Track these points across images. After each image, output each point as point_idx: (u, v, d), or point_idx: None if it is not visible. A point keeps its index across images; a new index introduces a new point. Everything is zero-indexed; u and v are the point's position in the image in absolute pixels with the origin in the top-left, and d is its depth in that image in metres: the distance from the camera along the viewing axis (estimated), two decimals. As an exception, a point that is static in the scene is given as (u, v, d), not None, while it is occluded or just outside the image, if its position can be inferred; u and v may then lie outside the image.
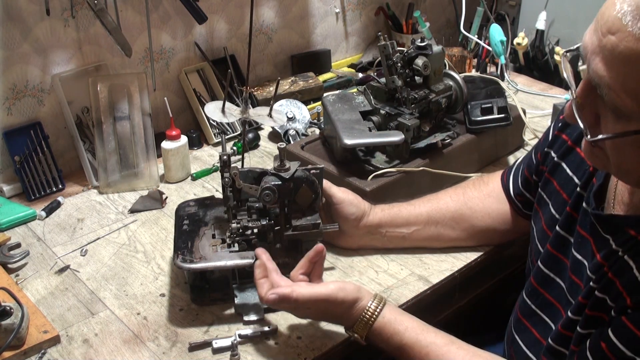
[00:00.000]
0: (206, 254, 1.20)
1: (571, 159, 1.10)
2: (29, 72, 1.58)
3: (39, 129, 1.60)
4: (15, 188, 1.60)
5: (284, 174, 1.21)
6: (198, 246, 1.22)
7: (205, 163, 1.73)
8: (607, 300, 0.93)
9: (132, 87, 1.64)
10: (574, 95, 0.85)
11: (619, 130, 0.81)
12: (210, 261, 1.19)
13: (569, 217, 1.06)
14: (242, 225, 1.22)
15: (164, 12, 1.75)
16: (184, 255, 1.20)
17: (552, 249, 1.10)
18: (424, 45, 1.51)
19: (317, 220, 1.25)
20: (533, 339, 1.12)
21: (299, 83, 1.96)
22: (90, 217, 1.52)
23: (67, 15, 1.59)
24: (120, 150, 1.63)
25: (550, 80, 2.12)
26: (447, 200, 1.35)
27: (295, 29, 2.06)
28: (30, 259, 1.37)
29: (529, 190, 1.25)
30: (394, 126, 1.49)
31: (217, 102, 1.35)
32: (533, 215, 1.21)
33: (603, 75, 0.79)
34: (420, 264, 1.34)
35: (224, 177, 1.21)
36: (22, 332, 1.12)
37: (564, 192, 1.10)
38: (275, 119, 1.36)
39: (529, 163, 1.25)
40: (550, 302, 1.09)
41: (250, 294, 1.24)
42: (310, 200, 1.25)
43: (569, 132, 1.13)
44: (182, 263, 1.18)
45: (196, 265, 1.18)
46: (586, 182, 1.05)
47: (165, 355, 1.13)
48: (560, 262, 1.08)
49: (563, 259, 1.07)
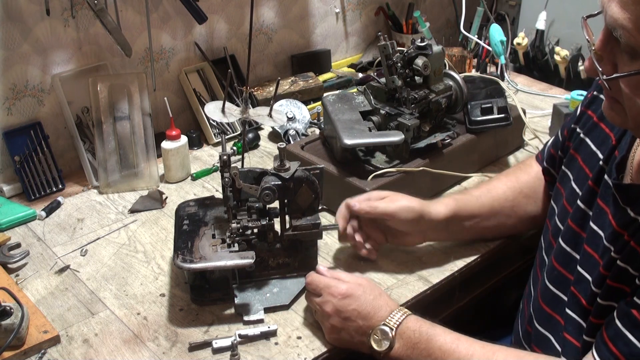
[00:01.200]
0: (206, 254, 1.20)
1: (596, 135, 1.13)
2: (29, 72, 1.58)
3: (39, 129, 1.60)
4: (15, 188, 1.60)
5: (284, 174, 1.21)
6: (198, 246, 1.22)
7: (205, 163, 1.73)
8: (629, 269, 0.94)
9: (132, 87, 1.64)
10: (593, 49, 0.90)
11: (634, 69, 0.85)
12: (210, 261, 1.18)
13: (590, 191, 1.08)
14: (242, 225, 1.22)
15: (164, 12, 1.75)
16: (184, 255, 1.19)
17: (572, 223, 1.11)
18: (424, 45, 1.51)
19: (317, 220, 1.25)
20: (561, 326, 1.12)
21: (299, 83, 1.96)
22: (90, 217, 1.52)
23: (67, 15, 1.59)
24: (120, 150, 1.63)
25: (550, 80, 2.12)
26: (504, 190, 1.35)
27: (295, 29, 2.06)
28: (30, 259, 1.37)
29: (554, 167, 1.27)
30: (394, 126, 1.49)
31: (217, 102, 1.35)
32: (554, 196, 1.22)
33: (618, 17, 0.83)
34: (421, 264, 1.34)
35: (224, 177, 1.21)
36: (22, 332, 1.12)
37: (586, 167, 1.12)
38: (275, 119, 1.36)
39: (555, 141, 1.28)
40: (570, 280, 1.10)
41: (250, 294, 1.24)
42: (310, 200, 1.25)
43: (594, 109, 1.15)
44: (182, 263, 1.18)
45: (196, 265, 1.18)
46: (609, 156, 1.07)
47: (165, 355, 1.13)
48: (579, 236, 1.09)
49: (581, 233, 1.08)
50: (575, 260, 1.08)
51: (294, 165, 1.23)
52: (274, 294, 1.25)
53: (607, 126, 1.10)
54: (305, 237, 1.26)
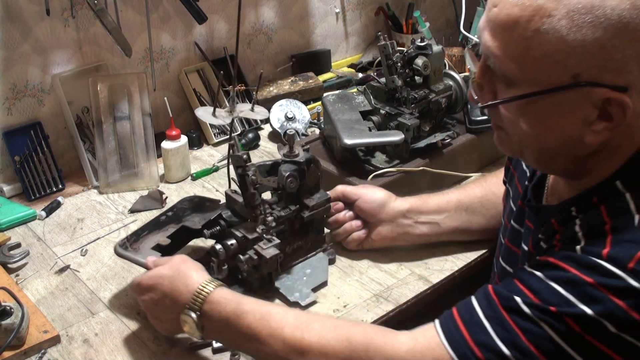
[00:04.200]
0: (142, 247, 1.22)
1: None
2: (29, 72, 1.58)
3: (39, 129, 1.60)
4: (15, 188, 1.60)
5: (298, 159, 1.25)
6: (148, 238, 1.24)
7: (205, 163, 1.73)
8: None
9: (132, 87, 1.64)
10: (474, 77, 0.93)
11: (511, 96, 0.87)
12: (136, 254, 1.21)
13: (520, 210, 1.09)
14: (276, 216, 1.24)
15: (164, 12, 1.75)
16: (127, 242, 1.24)
17: (508, 242, 1.12)
18: (424, 45, 1.51)
19: (327, 196, 1.29)
20: None
21: (299, 83, 1.96)
22: (90, 217, 1.52)
23: (67, 15, 1.59)
24: (120, 150, 1.63)
25: (550, 80, 2.12)
26: (472, 187, 1.36)
27: (295, 29, 2.06)
28: (30, 259, 1.37)
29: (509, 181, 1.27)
30: (394, 126, 1.49)
31: (207, 108, 1.37)
32: (503, 212, 1.23)
33: (490, 45, 0.85)
34: (420, 263, 1.34)
35: (248, 175, 1.19)
36: (22, 332, 1.12)
37: (520, 185, 1.13)
38: (257, 112, 1.37)
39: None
40: None
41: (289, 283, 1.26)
42: (317, 178, 1.28)
43: None
44: (119, 247, 1.23)
45: (123, 252, 1.22)
46: (532, 176, 1.08)
47: (165, 355, 1.13)
48: (514, 255, 1.10)
49: (516, 251, 1.09)
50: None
51: (299, 148, 1.27)
52: (310, 275, 1.28)
53: None
54: (318, 215, 1.29)
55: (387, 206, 1.31)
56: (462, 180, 1.58)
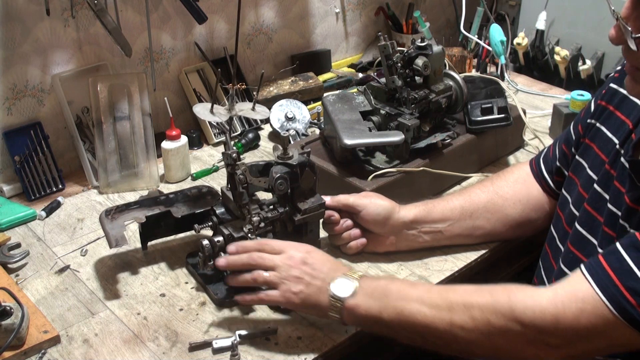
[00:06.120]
0: (120, 219, 1.31)
1: (611, 122, 1.14)
2: (29, 72, 1.58)
3: (39, 129, 1.60)
4: (15, 188, 1.60)
5: (291, 161, 1.24)
6: (133, 212, 1.33)
7: (205, 163, 1.73)
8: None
9: (132, 87, 1.64)
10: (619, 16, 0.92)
11: None
12: (111, 223, 1.30)
13: (607, 174, 1.09)
14: (262, 217, 1.24)
15: (164, 12, 1.75)
16: (112, 210, 1.32)
17: (589, 207, 1.12)
18: (424, 45, 1.51)
19: (321, 200, 1.28)
20: None
21: (299, 83, 1.96)
22: (90, 217, 1.52)
23: (67, 15, 1.59)
24: (120, 150, 1.63)
25: (550, 80, 2.12)
26: (477, 192, 1.35)
27: (295, 29, 2.06)
28: (30, 259, 1.37)
29: (567, 164, 1.26)
30: (394, 126, 1.49)
31: (205, 104, 1.37)
32: (566, 186, 1.23)
33: None
34: (421, 264, 1.34)
35: (237, 174, 1.20)
36: (22, 332, 1.12)
37: (602, 153, 1.13)
38: (259, 111, 1.37)
39: (567, 138, 1.27)
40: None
41: None
42: (312, 182, 1.27)
43: (609, 99, 1.17)
44: (104, 212, 1.32)
45: (101, 218, 1.32)
46: (625, 140, 1.08)
47: (165, 355, 1.13)
48: (595, 220, 1.10)
49: (598, 217, 1.09)
50: (593, 244, 1.09)
51: (294, 151, 1.27)
52: None
53: (623, 114, 1.12)
54: (312, 219, 1.29)
55: (391, 218, 1.30)
56: (462, 181, 1.58)
